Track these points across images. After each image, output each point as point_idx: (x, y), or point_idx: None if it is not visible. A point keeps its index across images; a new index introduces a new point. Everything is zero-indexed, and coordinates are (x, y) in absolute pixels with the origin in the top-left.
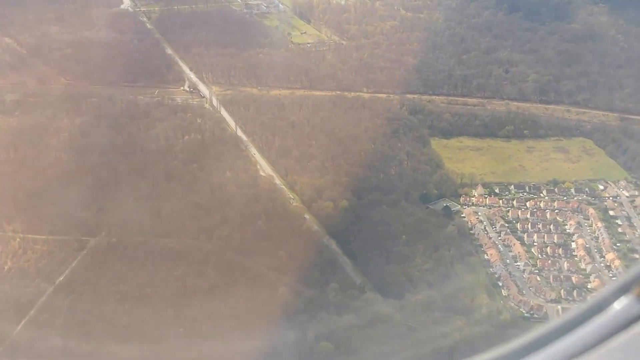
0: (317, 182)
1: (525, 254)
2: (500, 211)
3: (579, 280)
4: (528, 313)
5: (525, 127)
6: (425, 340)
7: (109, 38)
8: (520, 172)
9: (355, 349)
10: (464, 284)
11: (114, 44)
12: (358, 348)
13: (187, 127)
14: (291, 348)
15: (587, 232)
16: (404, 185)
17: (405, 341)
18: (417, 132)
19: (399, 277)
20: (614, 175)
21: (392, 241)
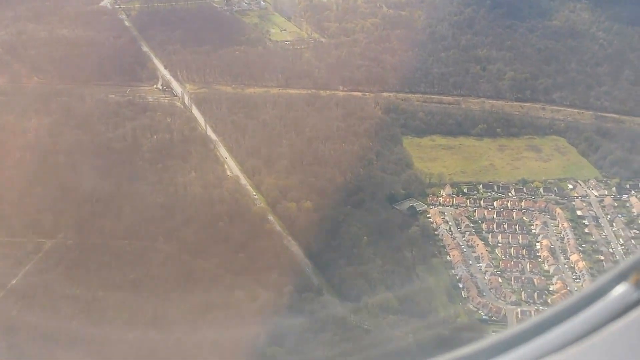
0: (282, 183)
1: (488, 255)
2: (467, 211)
3: (541, 282)
4: (486, 315)
5: (499, 125)
6: (377, 343)
7: (85, 36)
8: (491, 171)
9: (306, 353)
10: (424, 286)
11: (90, 42)
12: (309, 352)
13: (155, 126)
14: (239, 353)
15: (553, 232)
16: (371, 186)
17: (357, 345)
18: (389, 131)
19: (357, 279)
20: (584, 174)
21: (354, 242)
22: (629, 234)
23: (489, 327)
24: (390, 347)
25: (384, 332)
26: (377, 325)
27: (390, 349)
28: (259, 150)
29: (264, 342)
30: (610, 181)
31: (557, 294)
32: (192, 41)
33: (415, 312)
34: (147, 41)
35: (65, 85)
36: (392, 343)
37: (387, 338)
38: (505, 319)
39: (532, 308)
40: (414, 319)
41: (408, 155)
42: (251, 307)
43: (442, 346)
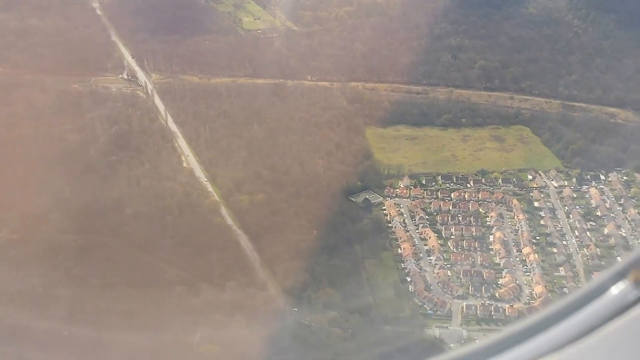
0: (238, 175)
1: (439, 248)
2: (423, 203)
3: (490, 276)
4: (431, 310)
5: (464, 115)
6: (316, 340)
7: (54, 25)
8: (452, 162)
9: (243, 351)
10: (371, 281)
11: (59, 30)
12: (245, 350)
13: (115, 117)
14: (175, 351)
15: (508, 224)
16: (328, 177)
17: (295, 342)
18: (352, 121)
19: (303, 274)
20: (546, 165)
21: (303, 236)
22: (584, 226)
23: (432, 322)
24: (327, 344)
25: (323, 329)
26: (318, 322)
27: (327, 345)
28: (217, 141)
29: (197, 340)
30: (572, 172)
31: (505, 287)
32: (162, 30)
33: (358, 308)
34: (117, 30)
35: (29, 75)
36: (329, 340)
37: (326, 335)
38: (450, 313)
39: (479, 302)
40: (356, 315)
41: (368, 146)
42: (190, 303)
43: (381, 343)
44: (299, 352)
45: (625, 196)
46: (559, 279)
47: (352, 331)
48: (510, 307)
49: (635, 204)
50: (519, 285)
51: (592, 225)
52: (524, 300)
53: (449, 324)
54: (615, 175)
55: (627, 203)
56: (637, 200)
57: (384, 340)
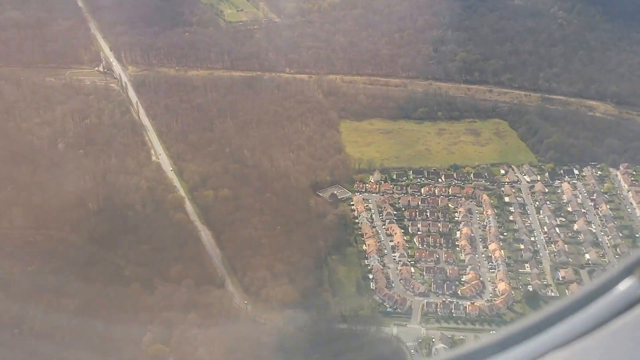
0: (205, 169)
1: (404, 244)
2: (392, 198)
3: (453, 273)
4: (391, 308)
5: (441, 108)
6: (267, 339)
7: (35, 17)
8: (425, 156)
9: (191, 350)
10: (333, 278)
11: (38, 23)
12: (194, 349)
13: (86, 110)
14: (122, 351)
15: (477, 220)
16: (296, 172)
17: (244, 341)
18: (326, 114)
19: (263, 271)
20: (520, 159)
21: (266, 232)
22: (554, 222)
23: (391, 320)
24: (276, 343)
25: (275, 327)
26: (272, 320)
27: (276, 344)
28: (188, 135)
29: (148, 339)
30: (545, 166)
31: (468, 284)
32: (143, 22)
33: (316, 306)
34: (97, 22)
35: (4, 68)
36: (280, 339)
37: (277, 333)
38: (410, 311)
39: (440, 299)
40: (312, 313)
41: (341, 140)
42: (144, 301)
43: (333, 341)
44: (247, 351)
45: (598, 191)
46: (523, 276)
47: (305, 330)
48: (471, 305)
49: (608, 199)
50: (482, 282)
51: (562, 221)
52: (487, 297)
53: (408, 321)
54: (590, 170)
55: (599, 198)
56: (610, 196)
57: (337, 339)
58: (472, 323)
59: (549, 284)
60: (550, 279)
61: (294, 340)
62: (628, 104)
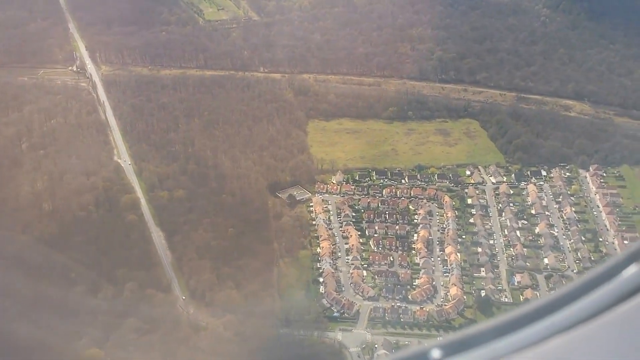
0: (163, 170)
1: (359, 247)
2: (351, 199)
3: (406, 276)
4: (338, 312)
5: (411, 108)
6: (203, 345)
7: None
8: (391, 156)
9: (126, 355)
10: (283, 281)
11: (17, 23)
12: (129, 354)
13: (53, 110)
14: (57, 355)
15: (436, 222)
16: (256, 173)
17: (181, 346)
18: (294, 114)
19: (209, 274)
20: (488, 160)
21: (218, 234)
22: (515, 224)
23: (336, 325)
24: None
25: (215, 332)
26: (212, 325)
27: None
28: (151, 134)
29: (84, 343)
30: (512, 167)
31: (419, 289)
32: (122, 21)
33: (261, 310)
34: (76, 21)
35: None
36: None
37: (214, 339)
38: (358, 316)
39: (389, 304)
40: (254, 318)
41: (306, 140)
42: (86, 303)
43: (272, 347)
44: (182, 356)
45: (564, 193)
46: (478, 280)
47: (244, 335)
48: (420, 310)
49: (574, 202)
50: (434, 287)
51: (524, 224)
52: (437, 302)
53: (354, 326)
54: (558, 172)
55: (564, 201)
56: (576, 198)
57: (277, 344)
58: (419, 328)
59: (504, 289)
60: (505, 284)
61: (231, 345)
62: (605, 104)
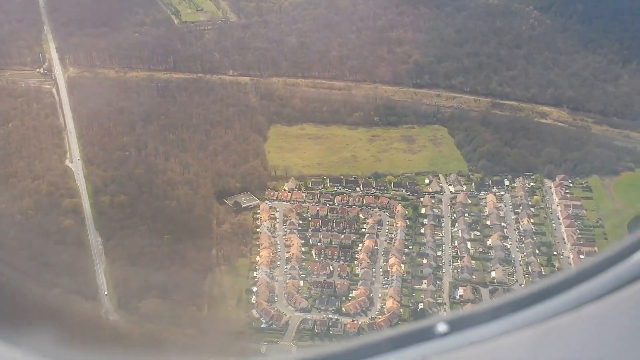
0: (110, 174)
1: (300, 256)
2: (300, 207)
3: (343, 288)
4: (266, 323)
5: (379, 114)
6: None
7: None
8: (350, 163)
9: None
10: (215, 290)
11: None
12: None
13: (11, 113)
14: None
15: (385, 232)
16: (205, 179)
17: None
18: (255, 119)
19: (139, 282)
20: (450, 168)
21: (154, 240)
22: (466, 235)
23: (263, 336)
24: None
25: (138, 341)
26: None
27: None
28: (105, 138)
29: None
30: (474, 176)
31: (355, 300)
32: (96, 22)
33: (185, 320)
34: (51, 22)
35: None
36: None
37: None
38: (287, 327)
39: (320, 316)
40: (175, 328)
41: (263, 146)
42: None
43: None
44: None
45: (524, 204)
46: (417, 293)
47: (161, 342)
48: (351, 323)
49: (533, 213)
50: (370, 299)
51: (476, 236)
52: (372, 315)
53: (281, 338)
54: (521, 181)
55: (523, 212)
56: (537, 209)
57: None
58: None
59: (444, 302)
60: (446, 297)
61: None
62: (585, 111)
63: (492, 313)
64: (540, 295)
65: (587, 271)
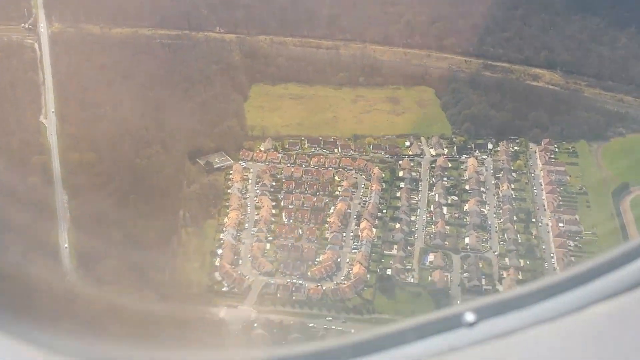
0: (82, 132)
1: (270, 219)
2: (275, 168)
3: (310, 252)
4: (228, 287)
5: (364, 74)
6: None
7: None
8: (331, 124)
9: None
10: (179, 252)
11: None
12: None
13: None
14: None
15: (360, 195)
16: (179, 138)
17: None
18: (237, 77)
19: (103, 242)
20: (434, 130)
21: (121, 200)
22: (442, 200)
23: (223, 300)
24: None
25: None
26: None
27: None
28: (82, 95)
29: None
30: (457, 139)
31: (321, 265)
32: None
33: (145, 282)
34: None
35: None
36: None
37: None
38: (249, 292)
39: (284, 280)
40: (134, 290)
41: (242, 105)
42: None
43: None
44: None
45: (506, 169)
46: (387, 259)
47: (116, 307)
48: (315, 288)
49: (514, 178)
50: (336, 264)
51: (454, 200)
52: (338, 280)
53: (242, 303)
54: (505, 145)
55: (504, 177)
56: (518, 175)
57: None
58: (309, 308)
59: (412, 268)
60: (415, 264)
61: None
62: (579, 74)
63: (519, 301)
64: (570, 283)
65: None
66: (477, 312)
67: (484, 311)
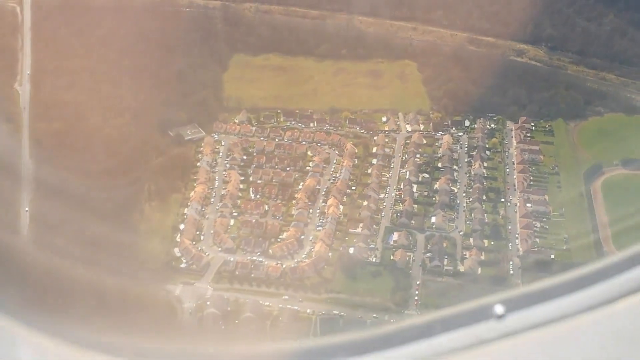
0: (54, 99)
1: (236, 193)
2: (247, 142)
3: (273, 229)
4: (186, 263)
5: (347, 46)
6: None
7: None
8: (309, 97)
9: None
10: (140, 226)
11: None
12: None
13: None
14: None
15: (331, 171)
16: (151, 108)
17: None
18: (217, 47)
19: (63, 214)
20: (413, 106)
21: (85, 171)
22: (413, 178)
23: (180, 277)
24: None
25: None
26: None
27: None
28: (58, 62)
29: None
30: (434, 115)
31: (283, 242)
32: None
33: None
34: None
35: None
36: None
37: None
38: (207, 269)
39: (244, 258)
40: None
41: (219, 76)
42: None
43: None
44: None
45: (480, 147)
46: (351, 237)
47: (70, 284)
48: (274, 266)
49: (488, 157)
50: (299, 241)
51: (424, 178)
52: (299, 258)
53: (199, 280)
54: (482, 122)
55: (477, 155)
56: (493, 153)
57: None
58: (267, 286)
59: (376, 247)
60: (379, 242)
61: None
62: (564, 50)
63: (548, 294)
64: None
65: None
66: (506, 304)
67: (513, 303)
